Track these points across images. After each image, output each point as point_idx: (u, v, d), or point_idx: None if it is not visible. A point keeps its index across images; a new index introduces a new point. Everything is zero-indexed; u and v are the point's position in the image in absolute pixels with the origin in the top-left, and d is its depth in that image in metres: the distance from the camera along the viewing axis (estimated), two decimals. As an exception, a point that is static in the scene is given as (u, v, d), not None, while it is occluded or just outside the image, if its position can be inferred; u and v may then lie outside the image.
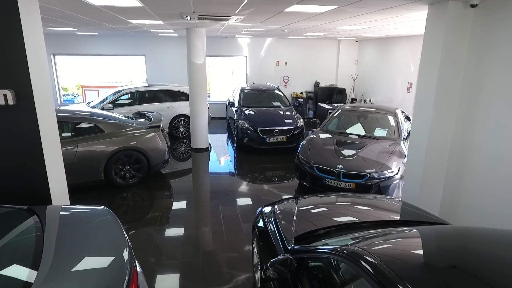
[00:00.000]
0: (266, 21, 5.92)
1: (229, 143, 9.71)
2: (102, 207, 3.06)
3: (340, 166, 5.43)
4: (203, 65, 8.07)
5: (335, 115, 7.31)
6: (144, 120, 6.83)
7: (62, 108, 7.80)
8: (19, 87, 3.06)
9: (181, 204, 5.79)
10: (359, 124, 6.83)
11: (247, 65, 12.44)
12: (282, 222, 3.12)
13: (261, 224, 3.38)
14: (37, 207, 2.87)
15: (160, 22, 6.36)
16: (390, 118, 6.85)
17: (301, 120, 8.60)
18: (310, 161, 5.78)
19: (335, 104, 11.14)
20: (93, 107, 8.82)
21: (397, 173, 5.39)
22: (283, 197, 3.86)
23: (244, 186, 6.63)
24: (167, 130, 9.34)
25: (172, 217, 5.31)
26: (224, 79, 13.24)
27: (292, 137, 8.18)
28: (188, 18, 5.42)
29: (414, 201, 3.96)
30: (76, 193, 5.79)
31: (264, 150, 8.31)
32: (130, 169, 6.14)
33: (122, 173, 6.09)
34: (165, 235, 4.77)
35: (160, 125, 6.46)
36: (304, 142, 6.52)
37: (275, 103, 9.40)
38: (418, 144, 4.16)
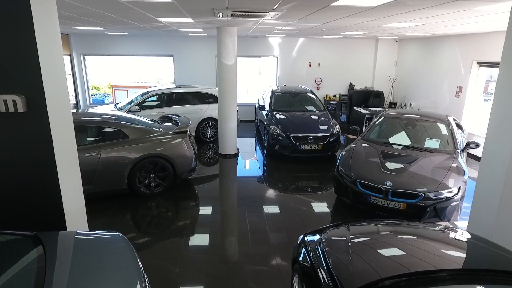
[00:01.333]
0: (306, 18, 5.33)
1: (257, 148, 9.18)
2: (117, 233, 2.64)
3: (389, 183, 4.74)
4: (234, 67, 7.58)
5: (377, 122, 6.59)
6: (170, 124, 6.43)
7: (87, 111, 7.57)
8: (30, 92, 2.66)
9: (208, 214, 5.36)
10: (406, 133, 6.09)
11: (278, 66, 11.87)
12: (333, 259, 2.54)
13: (304, 258, 2.80)
14: (45, 234, 2.46)
15: (189, 20, 5.92)
16: (442, 126, 6.06)
17: (337, 126, 7.92)
18: (352, 175, 5.12)
19: (372, 109, 10.35)
20: (120, 109, 8.58)
21: (457, 193, 4.64)
22: (329, 225, 3.25)
23: (273, 195, 6.09)
24: (194, 133, 8.97)
25: (197, 228, 4.95)
26: (251, 80, 12.71)
27: (327, 145, 7.52)
28: (221, 15, 4.94)
29: (487, 234, 3.26)
30: (98, 202, 5.48)
31: (297, 159, 7.71)
32: (155, 177, 5.74)
33: (146, 181, 5.70)
34: (190, 246, 4.47)
35: (187, 131, 6.03)
36: (343, 152, 5.86)
37: (309, 107, 8.77)
38: (494, 161, 3.42)
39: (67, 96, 2.99)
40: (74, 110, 7.23)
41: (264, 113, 8.75)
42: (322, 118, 8.05)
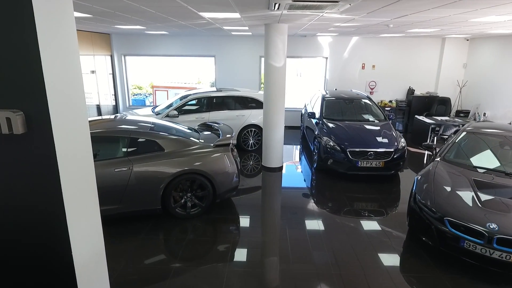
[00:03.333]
0: (380, 9, 4.30)
1: (302, 158, 8.20)
2: None
3: (493, 225, 3.58)
4: (283, 69, 6.68)
5: (457, 139, 5.35)
6: (210, 133, 5.67)
7: (124, 116, 7.03)
8: (30, 108, 1.93)
9: (250, 240, 4.55)
10: (502, 155, 4.83)
11: (327, 68, 10.79)
12: None
13: None
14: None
15: (236, 15, 5.11)
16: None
17: (403, 140, 6.74)
18: (438, 209, 4.01)
19: (438, 118, 8.96)
20: (158, 113, 8.00)
21: None
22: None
23: (325, 218, 5.12)
24: (234, 141, 8.18)
25: (237, 255, 4.24)
26: (291, 82, 11.69)
27: (391, 163, 6.38)
28: (276, 6, 4.05)
29: None
30: (128, 223, 4.82)
31: (352, 176, 6.63)
32: (192, 196, 4.99)
33: (182, 201, 4.96)
34: (228, 274, 3.82)
35: (230, 143, 5.22)
36: (419, 177, 4.74)
37: (367, 116, 7.64)
38: None
39: (83, 111, 2.24)
40: (112, 116, 6.73)
41: (314, 121, 7.75)
42: (385, 130, 6.89)
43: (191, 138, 5.19)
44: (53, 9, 1.92)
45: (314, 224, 5.05)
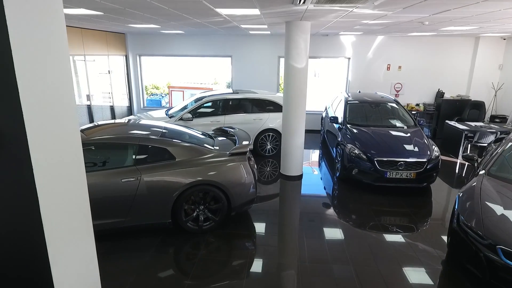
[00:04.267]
0: (421, 3, 3.77)
1: (323, 165, 7.67)
2: None
3: (560, 259, 3.00)
4: (305, 70, 6.19)
5: (504, 150, 4.73)
6: (225, 139, 5.25)
7: (137, 119, 6.71)
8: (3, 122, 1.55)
9: (265, 256, 4.07)
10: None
11: (349, 68, 10.21)
12: None
13: None
14: None
15: (255, 11, 4.66)
16: None
17: (436, 148, 6.13)
18: (487, 234, 3.44)
19: (472, 124, 8.25)
20: (172, 115, 7.65)
21: None
22: None
23: (347, 231, 4.63)
24: (251, 146, 7.75)
25: (253, 273, 3.86)
26: (308, 83, 11.17)
27: (423, 174, 5.79)
28: (302, 0, 3.58)
29: None
30: (135, 238, 4.44)
31: (379, 188, 6.08)
32: (204, 209, 4.57)
33: (194, 214, 4.55)
34: None
35: (247, 151, 4.78)
36: (462, 194, 4.16)
37: (395, 122, 7.05)
38: None
39: (72, 120, 1.83)
40: (126, 119, 6.41)
41: (337, 126, 7.22)
42: (416, 138, 6.30)
43: (205, 145, 4.78)
44: (32, 2, 1.52)
45: (336, 239, 4.55)
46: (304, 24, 5.89)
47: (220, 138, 5.31)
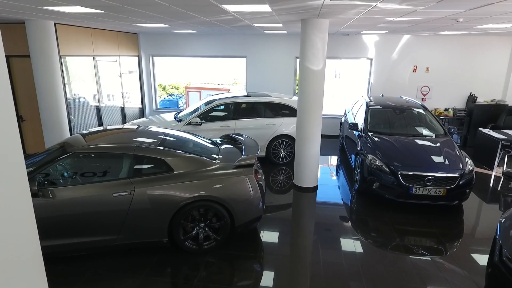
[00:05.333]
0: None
1: (341, 174, 7.08)
2: None
3: None
4: (322, 73, 5.65)
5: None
6: (232, 148, 4.79)
7: (147, 126, 6.35)
8: None
9: (273, 280, 3.57)
10: None
11: (372, 70, 9.54)
12: None
13: None
14: None
15: (265, 7, 4.18)
16: None
17: (470, 161, 5.44)
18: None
19: (509, 132, 7.43)
20: (180, 120, 7.27)
21: None
22: None
23: (367, 251, 4.04)
24: (263, 153, 7.27)
25: None
26: (328, 85, 10.49)
27: (455, 191, 5.12)
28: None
29: None
30: (128, 257, 4.03)
31: (405, 205, 5.46)
32: (205, 227, 4.13)
33: (194, 232, 4.11)
34: None
35: (254, 163, 4.29)
36: (504, 220, 3.52)
37: (422, 130, 6.38)
38: None
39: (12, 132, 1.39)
40: (130, 123, 6.07)
41: (356, 133, 6.62)
42: (446, 148, 5.62)
43: (208, 156, 4.33)
44: None
45: (355, 260, 3.99)
46: (321, 22, 5.34)
47: (225, 146, 4.86)
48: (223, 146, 4.86)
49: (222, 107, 7.41)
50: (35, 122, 7.18)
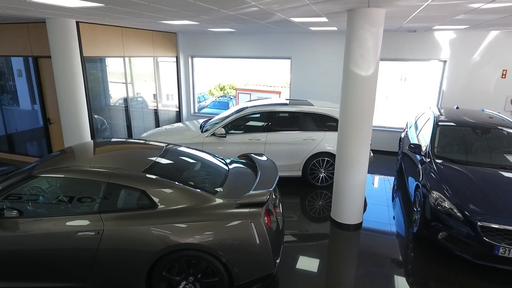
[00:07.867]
0: None
1: (395, 205, 5.60)
2: None
3: None
4: (373, 80, 4.31)
5: None
6: (245, 173, 3.75)
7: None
8: None
9: None
10: None
11: (445, 75, 7.75)
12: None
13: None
14: None
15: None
16: None
17: None
18: None
19: None
20: (206, 129, 6.40)
21: None
22: None
23: None
24: (299, 173, 6.09)
25: None
26: (391, 88, 8.78)
27: None
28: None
29: None
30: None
31: (485, 268, 3.90)
32: (195, 282, 3.14)
33: (181, 287, 3.14)
34: None
35: (266, 200, 3.18)
36: None
37: (514, 159, 4.68)
38: None
39: None
40: (146, 134, 5.35)
41: (418, 157, 5.12)
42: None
43: (207, 187, 3.34)
44: None
45: None
46: (374, 13, 4.02)
47: (236, 172, 3.82)
48: (233, 171, 3.82)
49: (254, 116, 6.38)
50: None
